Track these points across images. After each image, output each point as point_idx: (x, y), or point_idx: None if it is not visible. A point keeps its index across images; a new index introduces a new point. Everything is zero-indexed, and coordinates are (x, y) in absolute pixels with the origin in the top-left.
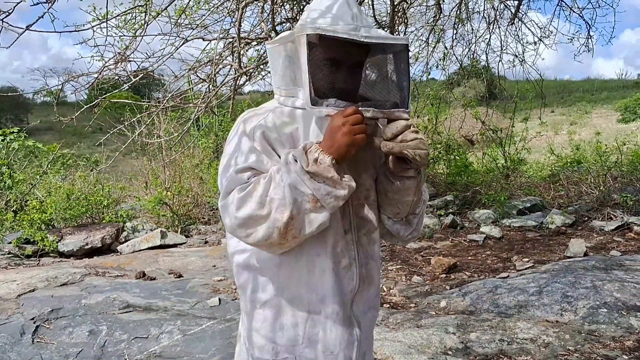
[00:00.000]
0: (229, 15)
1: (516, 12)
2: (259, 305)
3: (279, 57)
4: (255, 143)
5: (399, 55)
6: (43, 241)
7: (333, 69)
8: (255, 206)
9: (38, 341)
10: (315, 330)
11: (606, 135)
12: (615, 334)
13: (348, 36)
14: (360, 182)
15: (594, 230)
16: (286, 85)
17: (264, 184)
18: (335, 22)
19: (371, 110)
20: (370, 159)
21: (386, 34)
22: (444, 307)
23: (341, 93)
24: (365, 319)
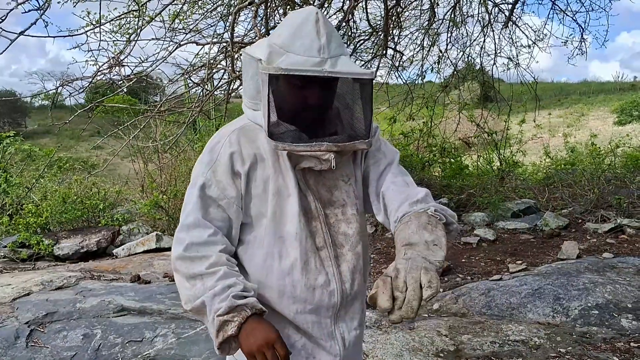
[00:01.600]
0: (222, 20)
1: (510, 15)
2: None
3: (250, 68)
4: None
5: (364, 87)
6: (38, 245)
7: (293, 101)
8: (187, 274)
9: (32, 345)
10: (298, 335)
11: (602, 137)
12: (606, 335)
13: (312, 72)
14: (334, 199)
15: (587, 233)
16: (252, 97)
17: (204, 271)
18: (302, 52)
19: (325, 144)
20: (339, 176)
21: (352, 67)
22: (437, 309)
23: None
24: (350, 335)
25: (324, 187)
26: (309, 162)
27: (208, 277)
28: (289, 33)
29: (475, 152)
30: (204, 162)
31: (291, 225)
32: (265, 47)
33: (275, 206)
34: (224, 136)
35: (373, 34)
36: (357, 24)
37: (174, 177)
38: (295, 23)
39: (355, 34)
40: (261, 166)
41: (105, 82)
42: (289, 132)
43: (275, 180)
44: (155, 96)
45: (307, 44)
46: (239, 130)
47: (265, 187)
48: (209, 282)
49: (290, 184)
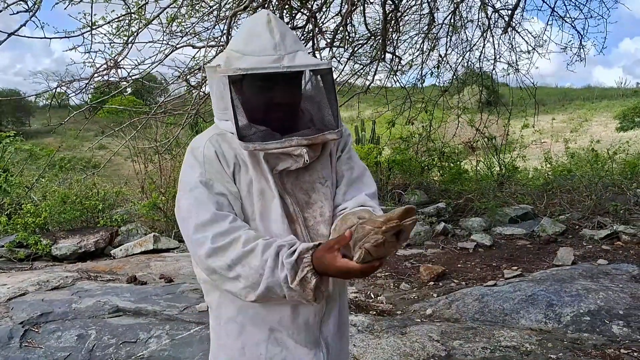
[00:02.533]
0: (218, 23)
1: (509, 21)
2: (223, 322)
3: (212, 81)
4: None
5: (325, 78)
6: (36, 245)
7: (259, 102)
8: (223, 265)
9: (26, 345)
10: (278, 349)
11: (604, 143)
12: (597, 342)
13: (270, 70)
14: (311, 201)
15: (583, 239)
16: (221, 109)
17: (240, 251)
18: (258, 52)
19: (295, 139)
20: (317, 179)
21: (310, 59)
22: (430, 314)
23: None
24: (335, 338)
25: (301, 190)
26: (284, 163)
27: (249, 256)
28: (243, 37)
29: (478, 156)
30: (191, 165)
31: (276, 227)
32: (222, 55)
33: (262, 207)
34: (202, 141)
35: (371, 38)
36: (355, 28)
37: (172, 179)
38: (247, 27)
39: (354, 38)
40: (243, 170)
41: (102, 83)
42: (259, 132)
43: (258, 182)
44: (160, 97)
45: (262, 44)
46: (217, 135)
47: (249, 189)
48: (254, 261)
49: (272, 186)
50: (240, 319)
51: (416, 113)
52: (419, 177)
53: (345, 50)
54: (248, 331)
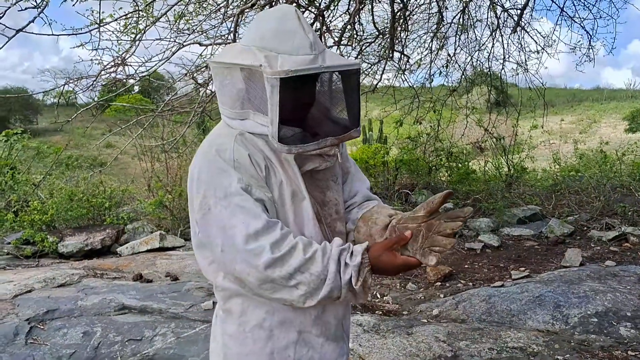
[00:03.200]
0: (225, 21)
1: (519, 20)
2: (249, 329)
3: (229, 77)
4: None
5: (351, 78)
6: (43, 242)
7: (296, 104)
8: (284, 275)
9: (31, 342)
10: (305, 349)
11: (613, 144)
12: (604, 343)
13: (314, 70)
14: (327, 199)
15: (591, 240)
16: (235, 107)
17: (301, 259)
18: (296, 52)
19: (329, 139)
20: (330, 176)
21: (341, 59)
22: (437, 315)
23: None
24: (349, 330)
25: (317, 188)
26: (313, 163)
27: (311, 263)
28: (274, 34)
29: (487, 157)
30: (222, 168)
31: (308, 230)
32: (252, 52)
33: (295, 211)
34: (228, 143)
35: (379, 36)
36: (363, 26)
37: (179, 177)
38: (274, 24)
39: (362, 37)
40: (272, 172)
41: (110, 80)
42: (296, 134)
43: (289, 185)
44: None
45: (299, 43)
46: (239, 137)
47: (281, 193)
48: (316, 267)
49: (302, 187)
50: (268, 324)
51: (424, 113)
52: (427, 177)
53: (353, 48)
54: (276, 335)
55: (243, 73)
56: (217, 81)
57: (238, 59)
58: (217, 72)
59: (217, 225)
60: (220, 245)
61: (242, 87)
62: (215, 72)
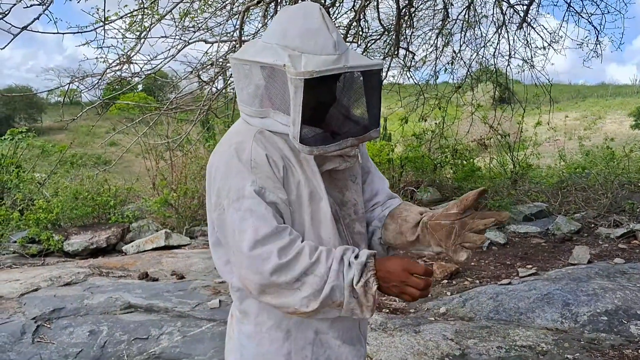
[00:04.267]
0: (231, 18)
1: (525, 16)
2: (266, 329)
3: (250, 76)
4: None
5: (373, 77)
6: (48, 241)
7: (318, 104)
8: (290, 280)
9: (38, 341)
10: (321, 350)
11: (618, 141)
12: (614, 342)
13: (337, 71)
14: (345, 199)
15: (599, 238)
16: (256, 105)
17: (307, 262)
18: (319, 51)
19: (350, 139)
20: (349, 176)
21: (363, 59)
22: (444, 313)
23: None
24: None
25: (335, 188)
26: (332, 163)
27: (316, 266)
28: (297, 32)
29: (491, 154)
30: (238, 170)
31: (325, 231)
32: (274, 50)
33: (313, 212)
34: (247, 142)
35: (385, 33)
36: (368, 23)
37: (184, 175)
38: (299, 22)
39: (367, 33)
40: (290, 172)
41: (115, 79)
42: (317, 135)
43: (307, 185)
44: (171, 94)
45: (323, 42)
46: (259, 135)
47: (299, 193)
48: (320, 269)
49: (320, 187)
50: (285, 325)
51: (429, 110)
52: (432, 175)
53: (359, 45)
54: (293, 336)
55: (265, 71)
56: (237, 78)
57: (260, 56)
58: (238, 69)
59: (229, 227)
60: (232, 248)
61: (262, 85)
62: (235, 69)
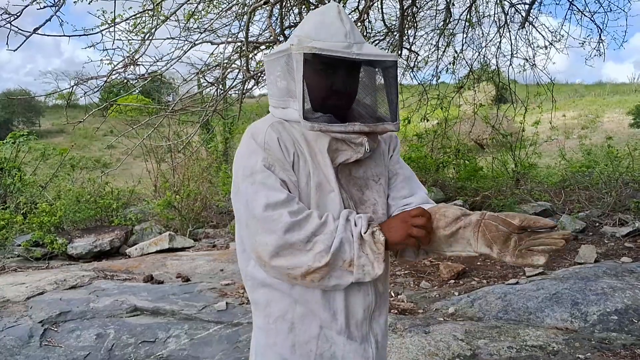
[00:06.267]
0: (237, 20)
1: (527, 16)
2: (272, 320)
3: (274, 69)
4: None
5: (388, 71)
6: (52, 244)
7: (321, 87)
8: (303, 238)
9: (46, 344)
10: (327, 345)
11: (618, 139)
12: (626, 341)
13: (342, 54)
14: (365, 198)
15: (604, 237)
16: (279, 96)
17: (317, 223)
18: (330, 38)
19: (357, 125)
20: (371, 176)
21: (377, 50)
22: (452, 313)
23: (333, 109)
24: (384, 335)
25: (355, 186)
26: (344, 154)
27: (324, 226)
28: (312, 24)
29: (489, 153)
30: (253, 150)
31: None
32: (290, 40)
33: (319, 201)
34: (263, 127)
35: (388, 34)
36: (372, 24)
37: (186, 177)
38: (316, 17)
39: (370, 34)
40: (302, 161)
41: (119, 81)
42: (322, 117)
43: (317, 175)
44: (168, 96)
45: (334, 30)
46: (276, 123)
47: (308, 181)
48: (328, 227)
49: (331, 179)
50: (290, 317)
51: (431, 110)
52: (435, 175)
53: None
54: (298, 328)
55: (283, 60)
56: (268, 73)
57: (279, 48)
58: (267, 66)
59: (242, 202)
60: (245, 220)
61: (282, 75)
62: (266, 66)
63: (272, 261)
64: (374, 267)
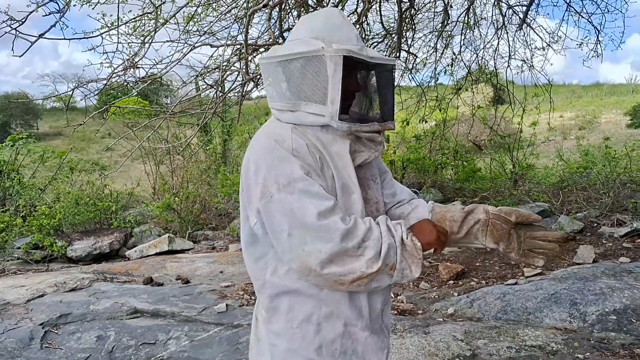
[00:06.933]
0: (236, 22)
1: (524, 17)
2: (297, 324)
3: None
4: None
5: (389, 73)
6: (52, 246)
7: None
8: (355, 244)
9: (46, 346)
10: (349, 342)
11: (615, 140)
12: (624, 341)
13: (365, 58)
14: (368, 197)
15: (603, 237)
16: (287, 99)
17: (365, 228)
18: (347, 41)
19: (376, 124)
20: (370, 176)
21: (379, 53)
22: (452, 313)
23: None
24: (391, 324)
25: (361, 186)
26: (362, 155)
27: (370, 232)
28: (323, 27)
29: (487, 154)
30: (283, 157)
31: None
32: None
33: (344, 203)
34: (285, 133)
35: (387, 36)
36: (370, 26)
37: (185, 179)
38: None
39: (369, 37)
40: (325, 164)
41: (118, 84)
42: (349, 117)
43: (340, 177)
44: (166, 98)
45: (347, 34)
46: (295, 128)
47: (333, 185)
48: (375, 233)
49: (353, 180)
50: (316, 318)
51: (430, 111)
52: (434, 176)
53: None
54: (324, 329)
55: (297, 62)
56: (267, 77)
57: (294, 50)
58: (268, 68)
59: (281, 211)
60: (287, 230)
61: (294, 78)
62: (266, 69)
63: (324, 269)
64: (412, 271)
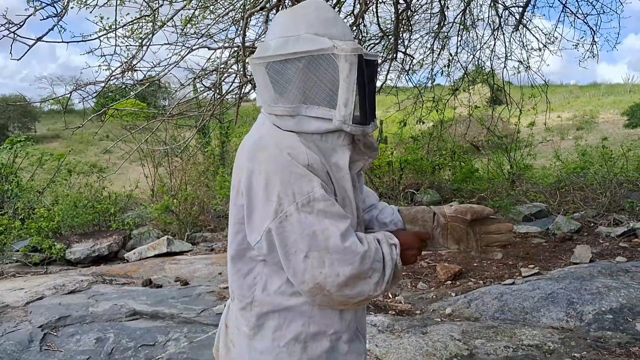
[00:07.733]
0: (234, 25)
1: (520, 18)
2: (284, 343)
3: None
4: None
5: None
6: (50, 249)
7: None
8: (369, 267)
9: (46, 349)
10: (335, 355)
11: (613, 140)
12: (621, 340)
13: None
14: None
15: (599, 237)
16: (288, 102)
17: (374, 249)
18: (345, 38)
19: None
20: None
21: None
22: (450, 313)
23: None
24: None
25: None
26: (358, 164)
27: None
28: (320, 21)
29: (485, 155)
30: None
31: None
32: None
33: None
34: (296, 145)
35: (383, 37)
36: (367, 27)
37: (184, 181)
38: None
39: (366, 38)
40: (329, 176)
41: (116, 86)
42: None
43: (340, 191)
44: (164, 100)
45: (343, 30)
46: (303, 139)
47: (335, 198)
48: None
49: (349, 193)
50: (304, 337)
51: (427, 112)
52: (431, 177)
53: None
54: (310, 347)
55: (301, 62)
56: (260, 79)
57: (296, 48)
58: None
59: (299, 232)
60: (305, 252)
61: (295, 79)
62: (258, 69)
63: (339, 291)
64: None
